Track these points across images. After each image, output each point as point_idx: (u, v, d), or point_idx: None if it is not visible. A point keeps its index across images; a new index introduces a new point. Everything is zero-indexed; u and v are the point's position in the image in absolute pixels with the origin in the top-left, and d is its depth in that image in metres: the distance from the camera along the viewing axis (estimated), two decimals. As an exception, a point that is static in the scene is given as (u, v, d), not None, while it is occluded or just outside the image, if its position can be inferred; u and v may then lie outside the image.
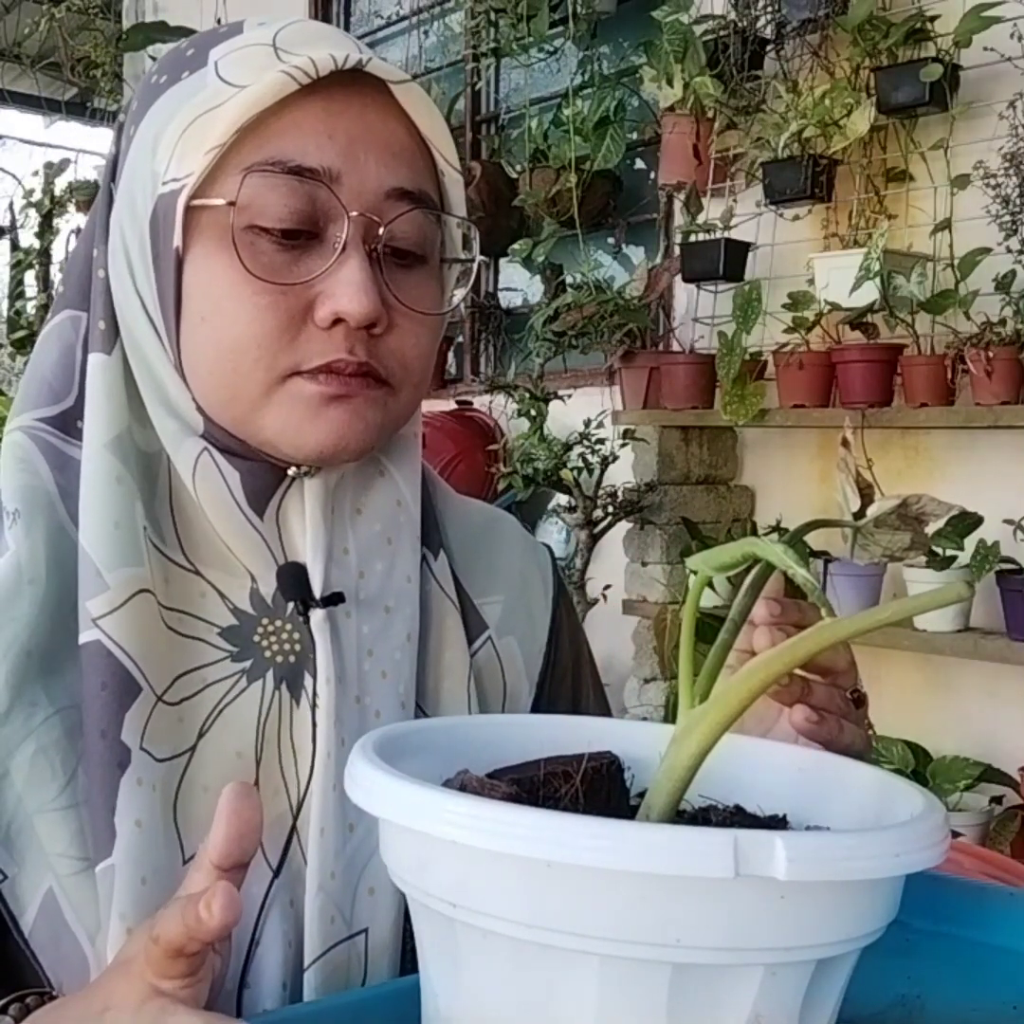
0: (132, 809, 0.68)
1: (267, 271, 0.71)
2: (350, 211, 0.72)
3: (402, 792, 0.50)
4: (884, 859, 0.47)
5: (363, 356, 0.73)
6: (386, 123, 0.74)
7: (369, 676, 0.76)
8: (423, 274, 0.77)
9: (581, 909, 0.47)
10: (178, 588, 0.74)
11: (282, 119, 0.71)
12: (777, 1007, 0.49)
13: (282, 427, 0.73)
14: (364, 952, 0.73)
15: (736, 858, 0.45)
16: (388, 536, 0.79)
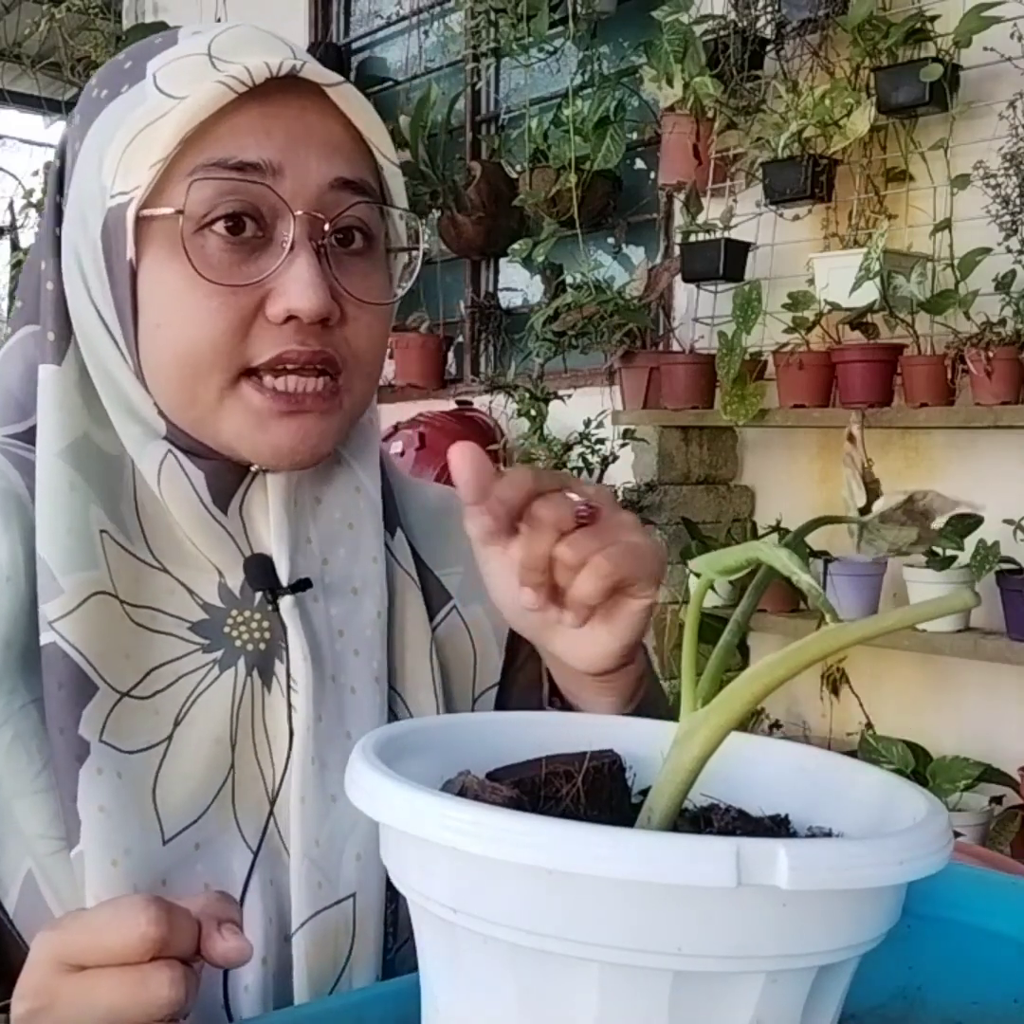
0: (94, 796, 0.70)
1: (217, 273, 0.73)
2: (295, 209, 0.74)
3: (403, 797, 0.50)
4: (888, 867, 0.47)
5: (316, 346, 0.75)
6: (324, 122, 0.76)
7: (341, 655, 0.79)
8: (370, 264, 0.79)
9: (582, 916, 0.46)
10: (147, 586, 0.76)
11: (221, 125, 0.73)
12: (778, 1013, 0.49)
13: (237, 433, 0.76)
14: (352, 916, 0.75)
15: (739, 867, 0.44)
16: (349, 522, 0.82)
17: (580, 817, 0.54)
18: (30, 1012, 0.56)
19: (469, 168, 3.93)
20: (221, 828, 0.75)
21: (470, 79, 4.03)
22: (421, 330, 4.03)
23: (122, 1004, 0.55)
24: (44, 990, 0.56)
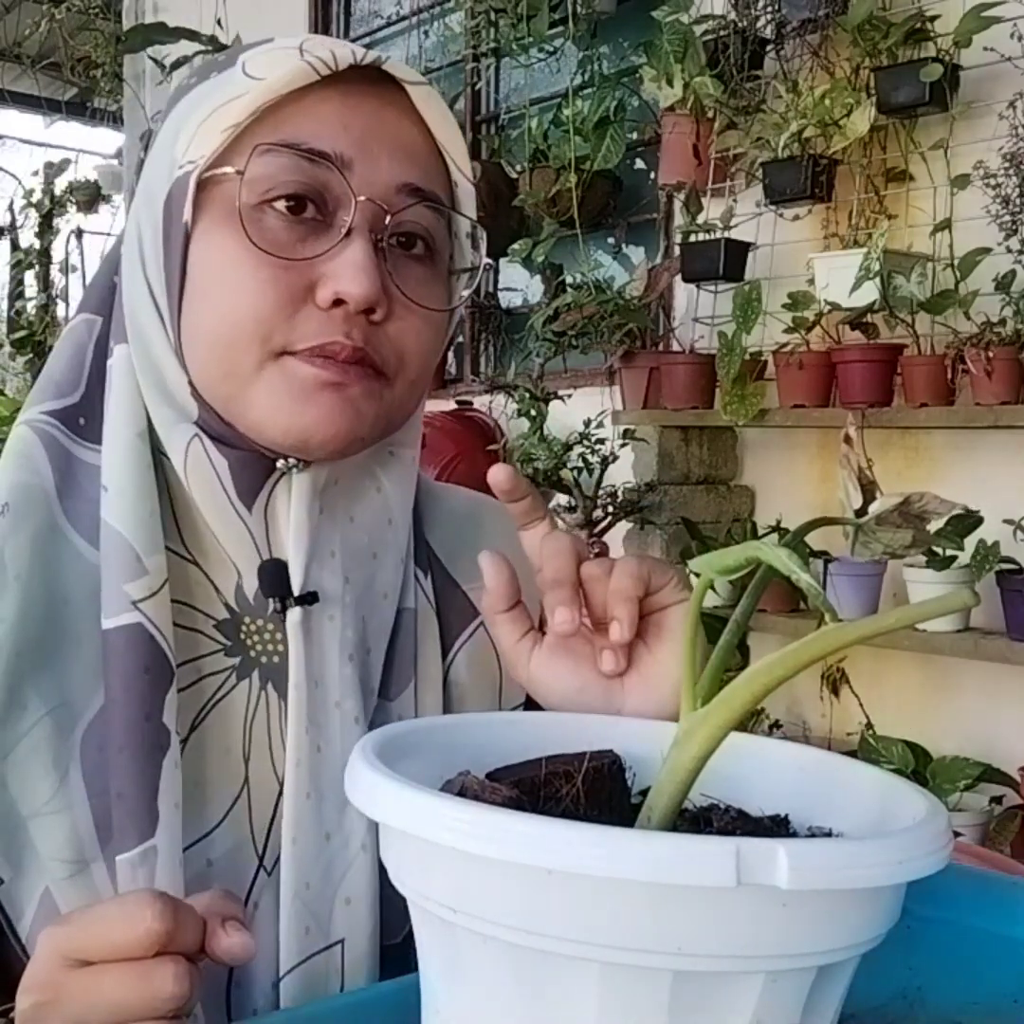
0: (172, 791, 0.69)
1: (271, 245, 0.71)
2: (359, 196, 0.72)
3: (402, 797, 0.49)
4: (887, 867, 0.47)
5: (359, 341, 0.72)
6: (401, 122, 0.75)
7: (348, 680, 0.76)
8: (429, 272, 0.77)
9: (582, 916, 0.46)
10: (179, 579, 0.74)
11: (299, 106, 0.72)
12: (778, 1013, 0.49)
13: (271, 406, 0.72)
14: (341, 964, 0.73)
15: (738, 867, 0.44)
16: (374, 551, 0.80)
17: (580, 817, 0.54)
18: (35, 1006, 0.56)
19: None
20: (236, 843, 0.73)
21: (470, 79, 4.03)
22: (421, 330, 4.03)
23: (126, 999, 0.55)
24: (49, 984, 0.56)
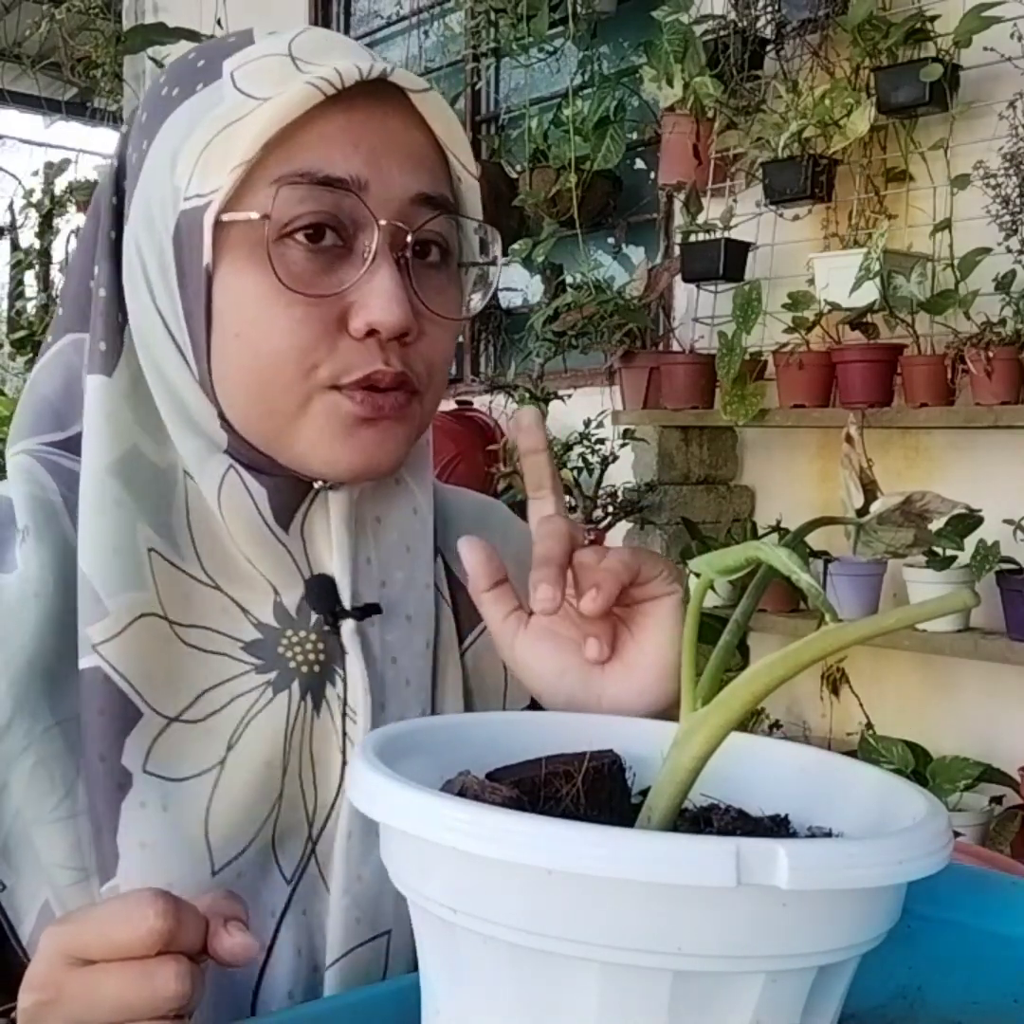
0: (135, 831, 0.69)
1: (300, 283, 0.71)
2: (379, 219, 0.71)
3: (402, 797, 0.49)
4: (887, 867, 0.47)
5: (399, 366, 0.73)
6: (407, 131, 0.74)
7: (394, 684, 0.77)
8: (445, 278, 0.77)
9: (581, 916, 0.46)
10: (198, 604, 0.74)
11: (307, 131, 0.71)
12: (778, 1013, 0.49)
13: (315, 442, 0.73)
14: (386, 953, 0.74)
15: (738, 867, 0.44)
16: (407, 544, 0.80)
17: (580, 817, 0.54)
18: (36, 1005, 0.56)
19: (469, 168, 3.93)
20: (259, 855, 0.73)
21: (470, 79, 4.03)
22: (421, 330, 4.04)
23: (128, 998, 0.54)
24: (51, 983, 0.56)
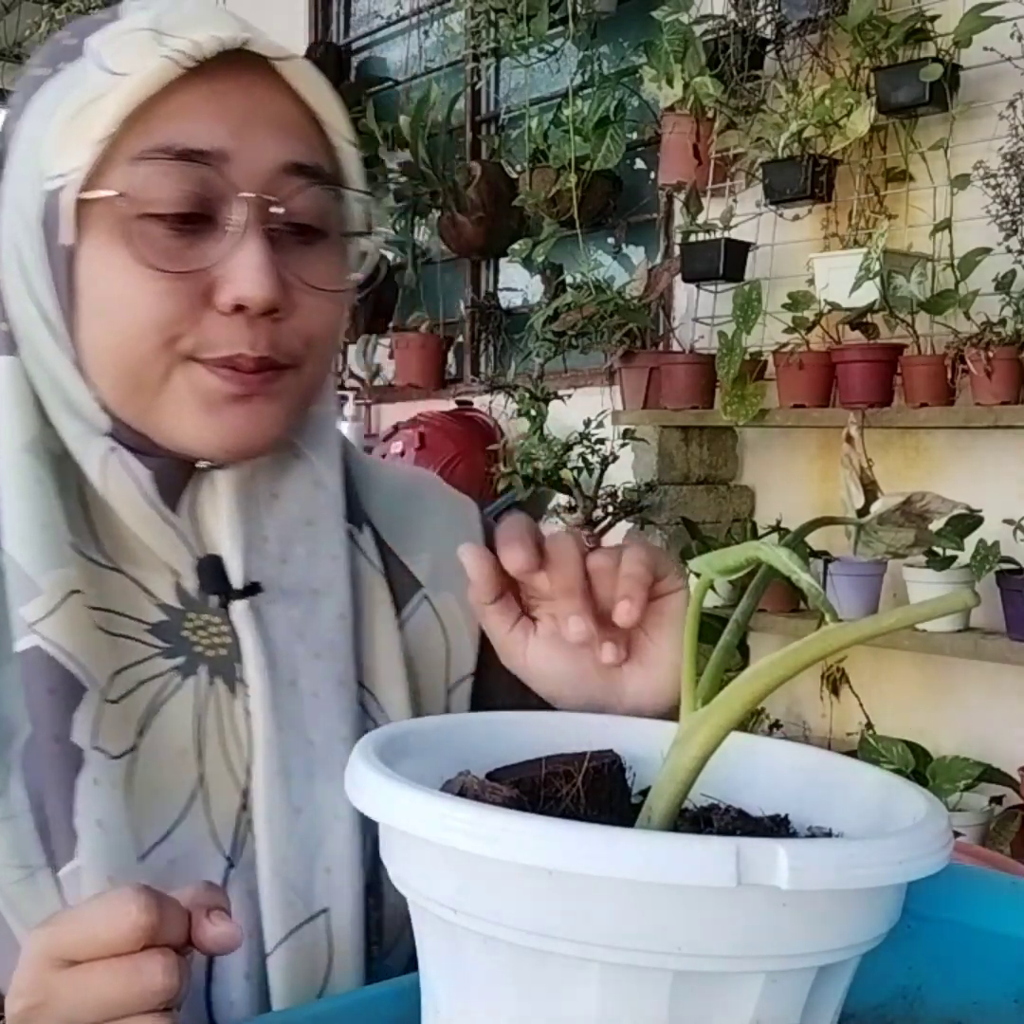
0: (92, 809, 0.68)
1: (161, 259, 0.69)
2: (243, 191, 0.70)
3: (403, 798, 0.50)
4: (887, 867, 0.47)
5: (264, 350, 0.72)
6: (274, 99, 0.72)
7: (302, 659, 0.76)
8: (324, 249, 0.75)
9: (582, 916, 0.47)
10: (102, 587, 0.73)
11: (168, 104, 0.69)
12: (778, 1013, 0.49)
13: (181, 417, 0.72)
14: (327, 932, 0.73)
15: (739, 867, 0.44)
16: (308, 518, 0.79)
17: (580, 817, 0.54)
18: (26, 1009, 0.56)
19: (469, 168, 3.93)
20: (196, 841, 0.72)
21: (470, 79, 4.03)
22: (421, 330, 4.04)
23: (117, 995, 0.54)
24: (39, 987, 0.56)
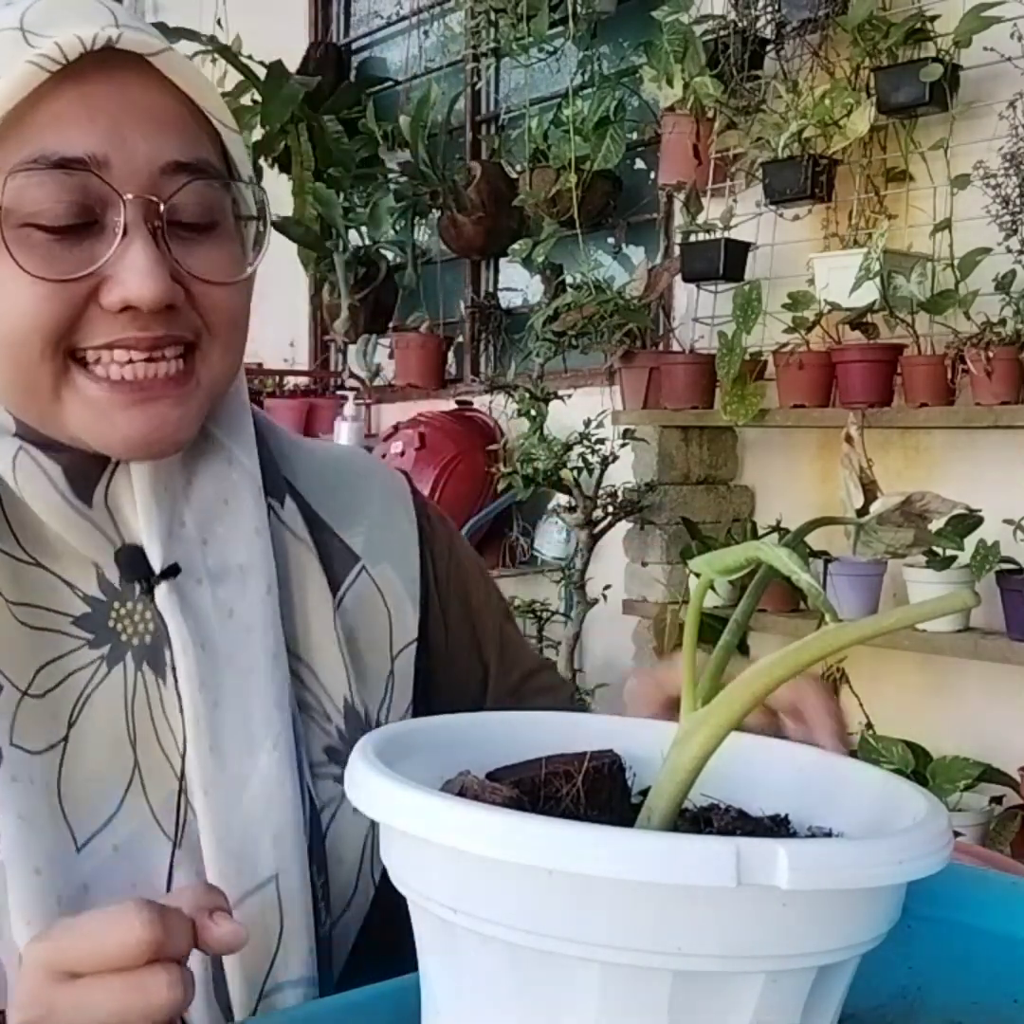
0: (11, 805, 0.69)
1: (43, 266, 0.69)
2: (124, 194, 0.69)
3: (403, 797, 0.50)
4: (886, 867, 0.47)
5: (159, 331, 0.71)
6: (149, 95, 0.71)
7: (235, 635, 0.77)
8: (216, 240, 0.75)
9: (582, 916, 0.47)
10: (23, 582, 0.74)
11: (38, 111, 0.68)
12: (778, 1013, 0.49)
13: (82, 427, 0.72)
14: (277, 897, 0.74)
15: (738, 867, 0.44)
16: (224, 498, 0.79)
17: (580, 817, 0.54)
18: (26, 1023, 0.56)
19: (469, 168, 3.93)
20: (139, 826, 0.73)
21: (470, 79, 4.02)
22: (421, 330, 4.04)
23: (121, 1010, 0.54)
24: (40, 1000, 0.56)
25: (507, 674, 0.94)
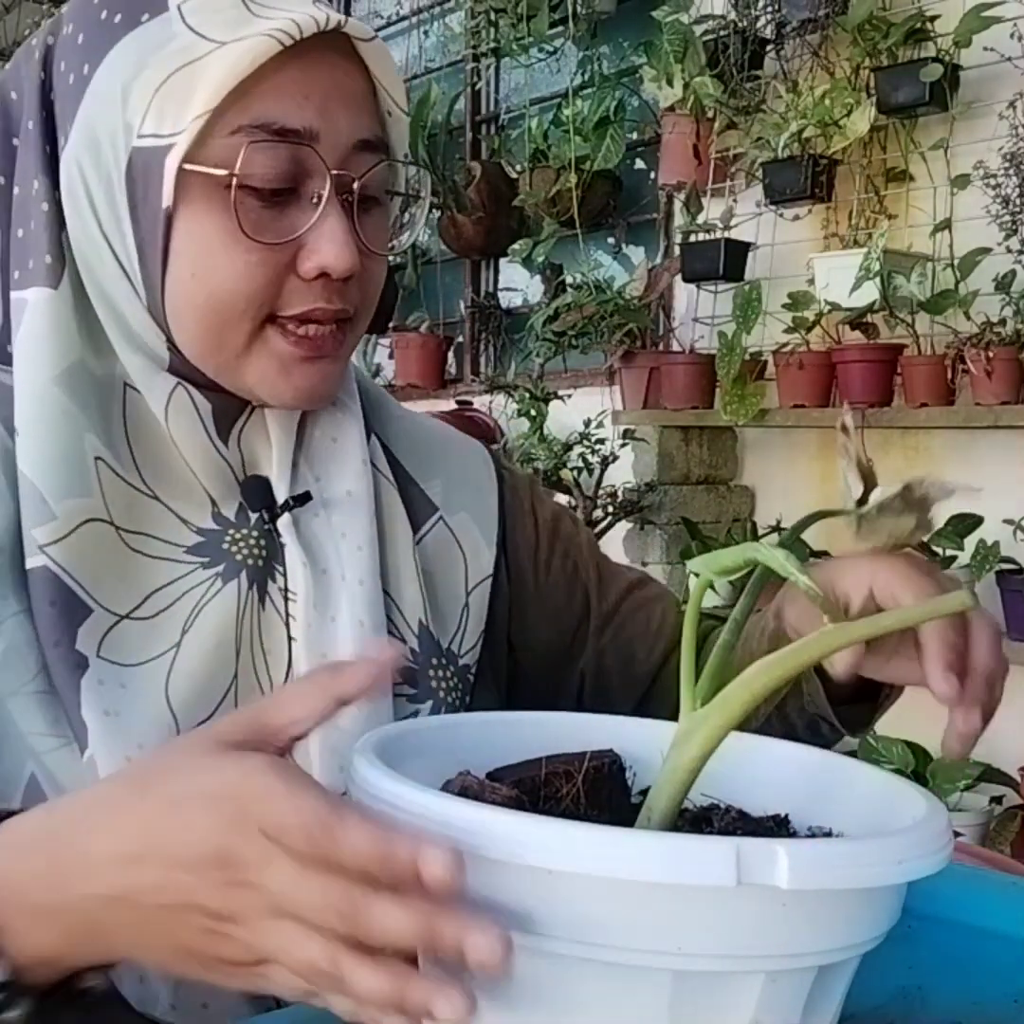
0: (97, 703, 0.72)
1: (257, 230, 0.74)
2: (331, 168, 0.75)
3: (404, 797, 0.50)
4: (886, 867, 0.47)
5: (340, 304, 0.78)
6: (351, 78, 0.77)
7: (347, 555, 0.83)
8: (380, 214, 0.82)
9: (582, 916, 0.47)
10: (140, 512, 0.78)
11: (263, 80, 0.73)
12: (778, 1013, 0.49)
13: (261, 378, 0.78)
14: None
15: (739, 867, 0.45)
16: (332, 436, 0.86)
17: (580, 817, 0.54)
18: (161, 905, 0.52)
19: (469, 168, 3.93)
20: None
21: (470, 79, 4.02)
22: (421, 330, 4.03)
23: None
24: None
25: (605, 598, 0.98)
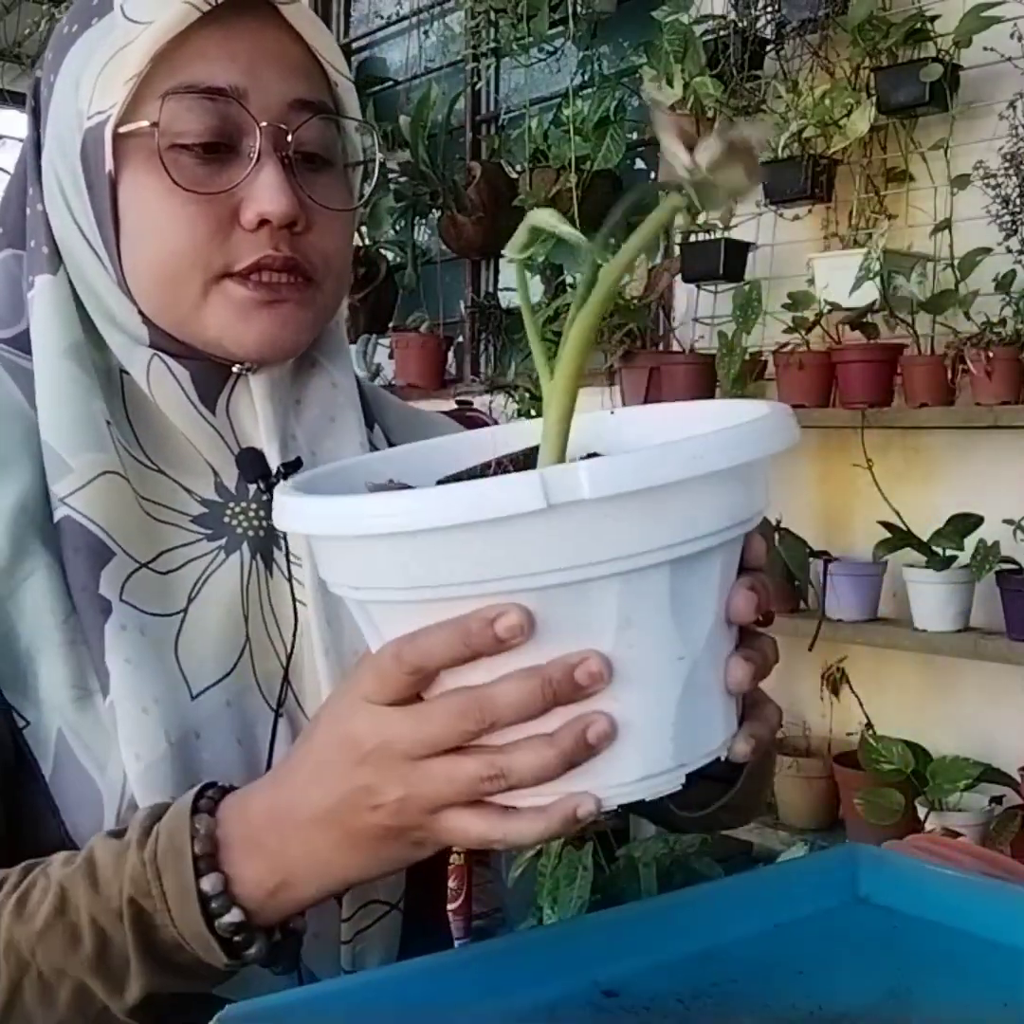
0: (120, 649, 0.75)
1: (192, 182, 0.79)
2: (260, 122, 0.79)
3: (313, 507, 0.57)
4: (681, 464, 0.53)
5: (288, 251, 0.81)
6: (280, 42, 0.82)
7: None
8: (331, 176, 0.85)
9: (445, 565, 0.54)
10: (147, 484, 0.82)
11: (187, 47, 0.79)
12: (644, 609, 0.55)
13: (222, 326, 0.81)
14: None
15: (545, 491, 0.51)
16: (330, 416, 0.89)
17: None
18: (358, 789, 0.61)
19: (469, 168, 3.93)
20: (246, 691, 0.80)
21: (470, 79, 4.02)
22: (421, 330, 4.03)
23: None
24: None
25: None
